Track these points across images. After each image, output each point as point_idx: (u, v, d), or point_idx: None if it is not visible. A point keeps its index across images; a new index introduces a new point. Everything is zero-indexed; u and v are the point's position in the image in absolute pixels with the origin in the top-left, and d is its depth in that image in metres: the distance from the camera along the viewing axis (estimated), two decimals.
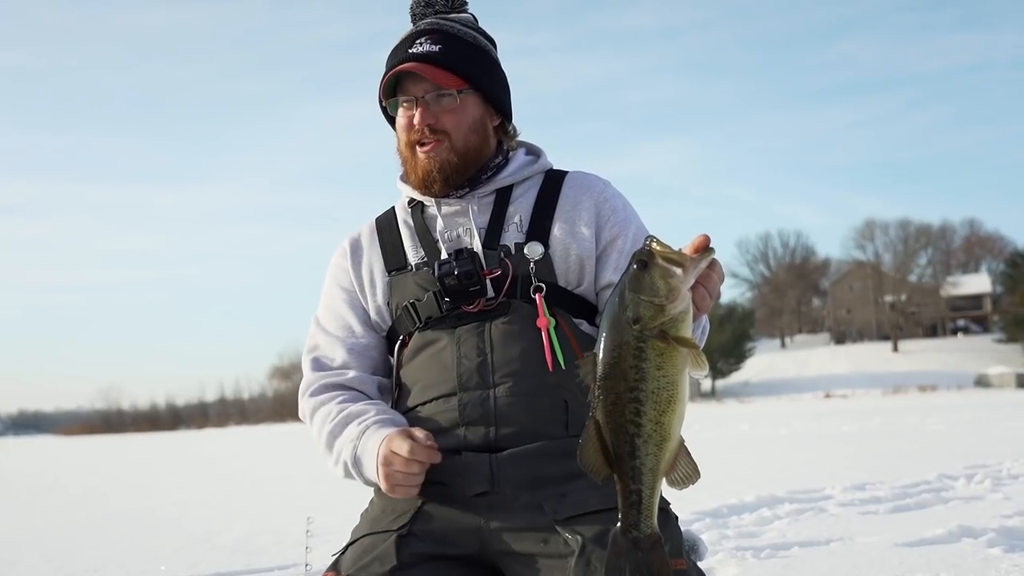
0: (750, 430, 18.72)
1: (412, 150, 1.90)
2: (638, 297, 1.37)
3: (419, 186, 1.93)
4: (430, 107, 1.86)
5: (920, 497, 6.46)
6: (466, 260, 1.83)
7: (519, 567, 1.74)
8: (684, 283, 1.37)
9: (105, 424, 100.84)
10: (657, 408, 1.37)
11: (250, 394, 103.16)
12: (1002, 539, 4.52)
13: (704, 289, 1.45)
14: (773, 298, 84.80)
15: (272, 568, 5.10)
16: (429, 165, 1.88)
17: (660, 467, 1.40)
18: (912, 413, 21.82)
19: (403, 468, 1.71)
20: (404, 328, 1.91)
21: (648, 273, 1.37)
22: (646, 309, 1.36)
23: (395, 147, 1.96)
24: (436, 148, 1.87)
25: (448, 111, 1.87)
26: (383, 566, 1.72)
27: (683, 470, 1.41)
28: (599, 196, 1.94)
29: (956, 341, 77.50)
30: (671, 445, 1.39)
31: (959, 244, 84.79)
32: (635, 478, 1.39)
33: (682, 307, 1.37)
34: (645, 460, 1.38)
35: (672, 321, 1.37)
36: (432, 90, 1.86)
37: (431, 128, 1.87)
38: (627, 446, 1.38)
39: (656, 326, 1.36)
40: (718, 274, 1.47)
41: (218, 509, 8.82)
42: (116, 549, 6.35)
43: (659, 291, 1.36)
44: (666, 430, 1.38)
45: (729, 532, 5.32)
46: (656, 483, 1.40)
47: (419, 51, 1.87)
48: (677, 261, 1.37)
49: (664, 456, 1.39)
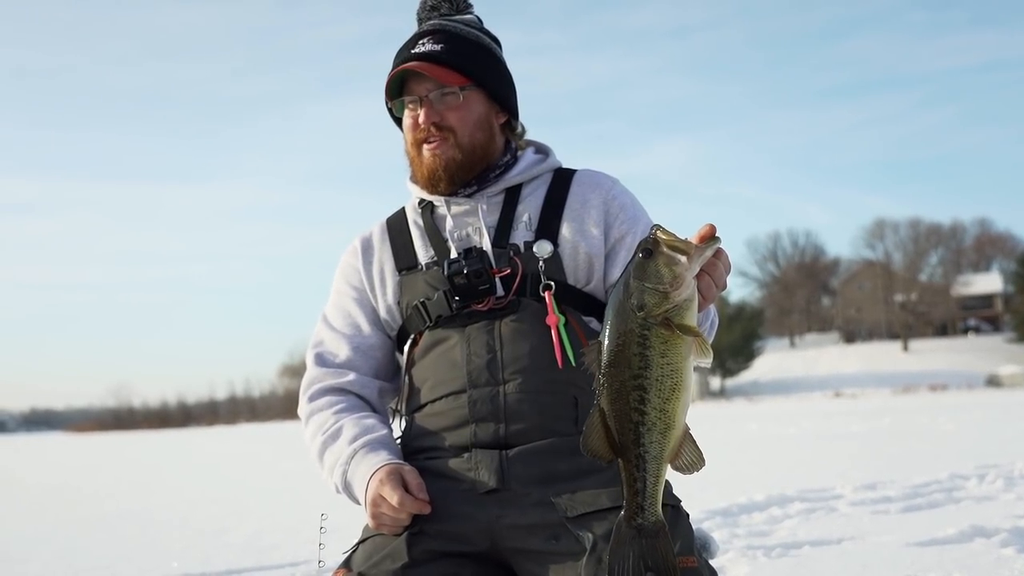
0: (759, 429, 18.67)
1: (418, 149, 1.91)
2: (642, 284, 1.37)
3: (426, 185, 1.94)
4: (434, 105, 1.87)
5: (932, 497, 6.44)
6: (475, 259, 1.83)
7: (530, 564, 1.74)
8: (689, 271, 1.37)
9: (116, 422, 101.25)
10: (661, 396, 1.37)
11: (260, 392, 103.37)
12: (1015, 539, 4.49)
13: (709, 278, 1.45)
14: (782, 297, 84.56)
15: (283, 565, 5.11)
16: (434, 163, 1.89)
17: (664, 455, 1.40)
18: (923, 413, 21.73)
19: (391, 513, 1.74)
20: (414, 327, 1.92)
21: (653, 261, 1.37)
22: (650, 296, 1.36)
23: (403, 148, 1.97)
24: (441, 146, 1.88)
25: (452, 108, 1.88)
26: (394, 563, 1.73)
27: (688, 457, 1.41)
28: (608, 194, 1.94)
29: (967, 341, 77.17)
30: (675, 433, 1.39)
31: (970, 243, 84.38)
32: (639, 466, 1.39)
33: (686, 295, 1.37)
34: (649, 448, 1.38)
35: (676, 309, 1.37)
36: (435, 88, 1.87)
37: (436, 125, 1.87)
38: (631, 434, 1.39)
39: (660, 314, 1.36)
40: (724, 263, 1.48)
41: (228, 506, 8.85)
42: (126, 546, 6.37)
43: (663, 278, 1.36)
44: (670, 418, 1.38)
45: (739, 531, 5.31)
46: (661, 471, 1.40)
47: (422, 50, 1.88)
48: (682, 249, 1.37)
49: (668, 444, 1.39)
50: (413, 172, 1.96)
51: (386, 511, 1.74)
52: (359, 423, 1.88)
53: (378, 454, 1.81)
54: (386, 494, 1.73)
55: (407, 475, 1.76)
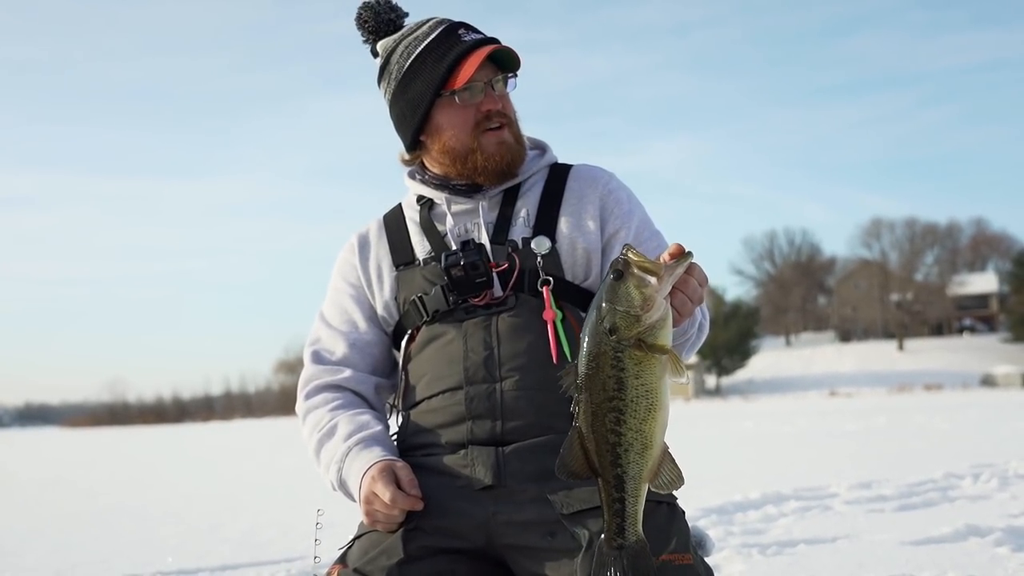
0: (755, 427, 18.69)
1: (478, 139, 1.87)
2: (614, 308, 1.39)
3: (483, 174, 1.87)
4: (494, 91, 1.87)
5: (926, 496, 6.45)
6: (472, 252, 1.83)
7: (525, 561, 1.74)
8: (659, 292, 1.39)
9: (111, 417, 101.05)
10: (637, 416, 1.39)
11: (256, 388, 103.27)
12: (1009, 538, 4.50)
13: (683, 294, 1.47)
14: (778, 296, 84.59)
15: (278, 560, 5.11)
16: (501, 151, 1.88)
17: (643, 475, 1.41)
18: (918, 412, 21.76)
19: (384, 510, 1.74)
20: (412, 322, 1.91)
21: (623, 283, 1.39)
22: (622, 319, 1.38)
23: (442, 143, 1.89)
24: (504, 134, 1.88)
25: (507, 96, 1.91)
26: (390, 559, 1.73)
27: (667, 476, 1.43)
28: (604, 188, 1.94)
29: (962, 340, 77.26)
30: (653, 452, 1.41)
31: (966, 243, 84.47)
32: (618, 486, 1.41)
33: (658, 316, 1.39)
34: (627, 468, 1.40)
35: (649, 330, 1.38)
36: (494, 75, 1.87)
37: (500, 113, 1.88)
38: (609, 455, 1.40)
39: (632, 336, 1.38)
40: (697, 277, 1.50)
41: (224, 502, 8.84)
42: (122, 541, 6.37)
43: (634, 301, 1.38)
44: (647, 438, 1.40)
45: (735, 529, 5.32)
46: (639, 491, 1.42)
47: (481, 37, 1.88)
48: (652, 270, 1.39)
49: (646, 464, 1.41)
50: (464, 161, 1.88)
51: (379, 508, 1.74)
52: (354, 420, 1.88)
53: (372, 451, 1.81)
54: (378, 491, 1.73)
55: (399, 471, 1.76)
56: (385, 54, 1.93)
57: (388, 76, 1.92)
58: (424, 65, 1.86)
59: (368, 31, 1.96)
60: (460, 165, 1.89)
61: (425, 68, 1.86)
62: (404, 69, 1.89)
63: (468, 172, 1.90)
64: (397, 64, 1.90)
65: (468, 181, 1.91)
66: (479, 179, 1.90)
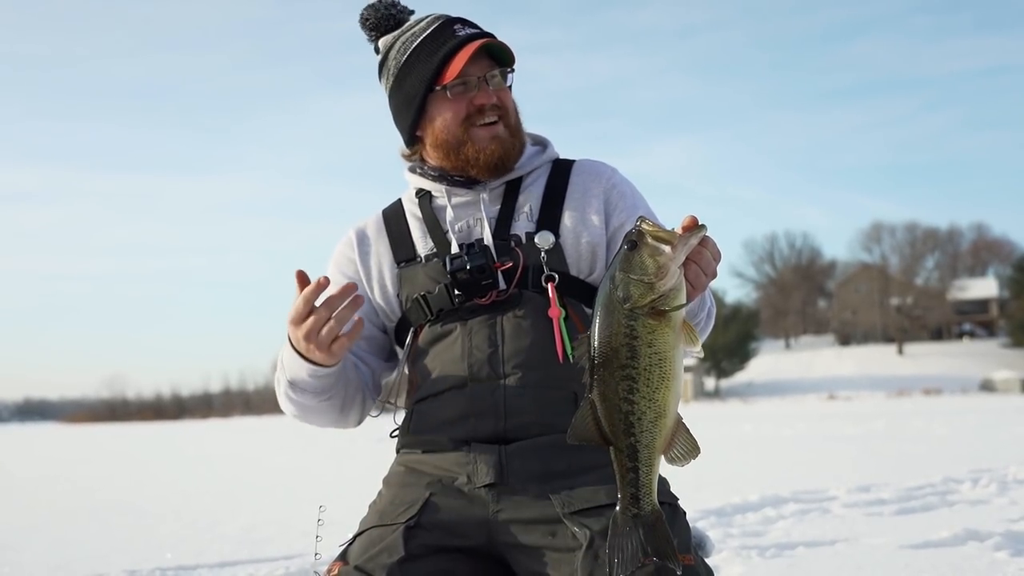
0: (754, 430, 18.69)
1: (468, 132, 1.86)
2: (627, 276, 1.38)
3: (474, 167, 1.88)
4: (489, 86, 1.87)
5: (925, 500, 6.45)
6: (478, 254, 1.81)
7: (526, 559, 1.73)
8: (673, 260, 1.38)
9: (110, 413, 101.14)
10: (649, 385, 1.38)
11: (255, 385, 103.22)
12: (1008, 543, 4.50)
13: (696, 266, 1.46)
14: (778, 299, 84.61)
15: (277, 558, 5.11)
16: (494, 145, 1.87)
17: (656, 444, 1.40)
18: (917, 416, 21.76)
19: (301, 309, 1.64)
20: (415, 320, 1.91)
21: (637, 252, 1.38)
22: (635, 288, 1.37)
23: (434, 136, 1.90)
24: (499, 128, 1.88)
25: (504, 90, 1.89)
26: (391, 557, 1.72)
27: (682, 447, 1.41)
28: (608, 183, 1.94)
29: (962, 345, 77.27)
30: (667, 422, 1.39)
31: (966, 248, 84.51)
32: (631, 456, 1.40)
33: (671, 284, 1.38)
34: (640, 438, 1.39)
35: (662, 298, 1.38)
36: (489, 69, 1.86)
37: (495, 106, 1.87)
38: (622, 424, 1.39)
39: (646, 304, 1.37)
40: (711, 251, 1.48)
41: (222, 499, 8.84)
42: (120, 537, 6.37)
43: (648, 269, 1.37)
44: (660, 407, 1.38)
45: (734, 531, 5.31)
46: (653, 460, 1.40)
47: (473, 32, 1.87)
48: (666, 239, 1.38)
49: (660, 433, 1.39)
50: (455, 153, 1.88)
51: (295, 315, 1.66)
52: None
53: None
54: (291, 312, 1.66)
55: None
56: (384, 50, 1.94)
57: (386, 72, 1.93)
58: (418, 60, 1.87)
59: (370, 28, 1.96)
60: (453, 157, 1.90)
61: (419, 63, 1.87)
62: (400, 64, 1.89)
63: (461, 164, 1.90)
64: (394, 60, 1.91)
65: (463, 174, 1.91)
66: (472, 172, 1.89)
